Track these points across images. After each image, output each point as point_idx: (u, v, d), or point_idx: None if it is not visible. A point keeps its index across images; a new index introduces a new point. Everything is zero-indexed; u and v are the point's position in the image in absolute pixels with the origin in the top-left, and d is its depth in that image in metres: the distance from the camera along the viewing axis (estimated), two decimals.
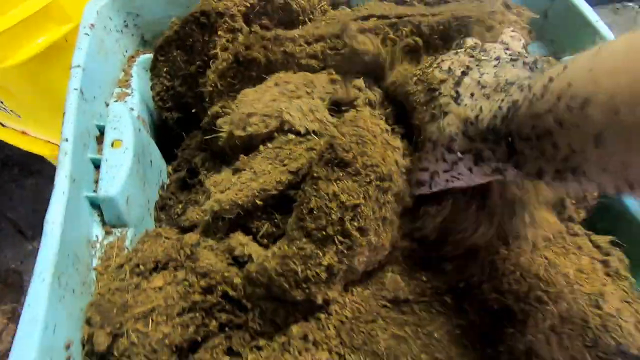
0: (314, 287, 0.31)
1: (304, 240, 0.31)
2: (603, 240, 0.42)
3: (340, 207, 0.30)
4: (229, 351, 0.36)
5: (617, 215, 0.45)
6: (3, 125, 0.88)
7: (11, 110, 0.76)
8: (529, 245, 0.35)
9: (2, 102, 0.74)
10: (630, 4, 1.62)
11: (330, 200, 0.30)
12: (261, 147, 0.40)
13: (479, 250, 0.35)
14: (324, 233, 0.30)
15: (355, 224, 0.30)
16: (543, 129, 0.22)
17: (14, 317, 0.86)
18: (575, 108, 0.20)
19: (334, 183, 0.30)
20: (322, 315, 0.36)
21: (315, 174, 0.31)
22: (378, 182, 0.31)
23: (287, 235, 0.33)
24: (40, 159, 1.03)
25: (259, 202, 0.37)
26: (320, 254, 0.30)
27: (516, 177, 0.27)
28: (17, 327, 0.28)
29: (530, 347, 0.31)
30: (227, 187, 0.39)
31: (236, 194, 0.37)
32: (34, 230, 1.00)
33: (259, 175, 0.38)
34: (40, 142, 0.85)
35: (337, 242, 0.30)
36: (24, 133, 0.87)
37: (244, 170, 0.39)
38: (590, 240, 0.41)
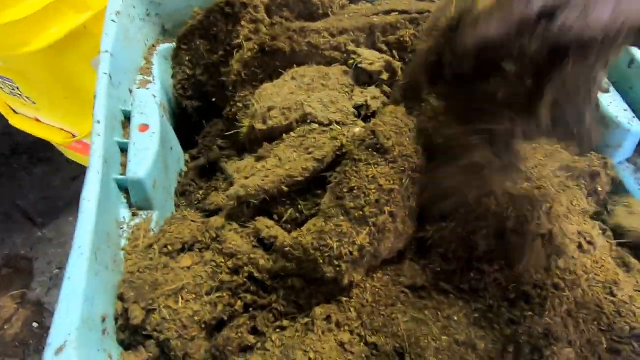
0: (344, 265, 0.32)
1: (342, 217, 0.32)
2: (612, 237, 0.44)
3: (377, 189, 0.31)
4: (253, 330, 0.38)
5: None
6: (15, 112, 0.89)
7: (26, 97, 0.77)
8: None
9: (17, 88, 0.75)
10: None
11: (369, 182, 0.31)
12: (284, 136, 0.41)
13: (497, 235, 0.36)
14: (360, 212, 0.31)
15: (388, 208, 0.31)
16: None
17: (23, 302, 0.87)
18: None
19: (373, 166, 0.31)
20: (344, 298, 0.37)
21: (355, 157, 0.33)
22: (410, 172, 0.32)
23: (323, 213, 0.34)
24: (49, 146, 1.04)
25: (284, 188, 0.38)
26: (355, 233, 0.31)
27: None
28: (25, 311, 0.29)
29: (548, 329, 0.32)
30: (251, 174, 0.40)
31: (262, 180, 0.38)
32: (43, 217, 1.01)
33: (284, 162, 0.39)
34: (53, 129, 0.85)
35: (370, 223, 0.31)
36: (36, 120, 0.87)
37: (268, 157, 0.41)
38: (604, 234, 0.42)
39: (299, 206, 0.40)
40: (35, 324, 0.84)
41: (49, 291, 0.88)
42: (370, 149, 0.32)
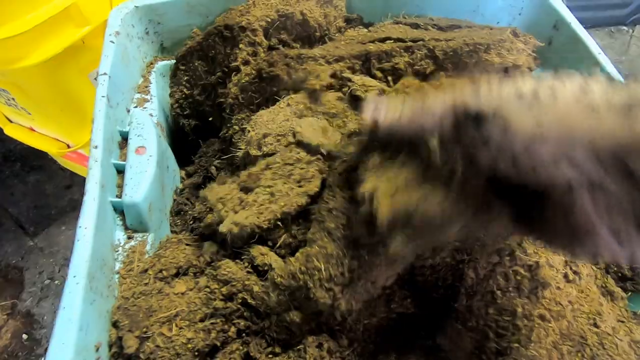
0: (337, 288, 0.33)
1: (325, 240, 0.33)
2: (601, 265, 0.45)
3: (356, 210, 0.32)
4: (246, 356, 0.38)
5: None
6: (10, 121, 0.89)
7: (22, 107, 0.77)
8: None
9: (14, 99, 0.75)
10: (625, 27, 1.68)
11: (348, 201, 0.32)
12: (269, 160, 0.41)
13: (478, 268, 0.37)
14: (342, 232, 0.32)
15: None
16: None
17: (14, 313, 0.86)
18: None
19: (347, 191, 0.32)
20: (337, 327, 0.38)
21: (330, 183, 0.34)
22: None
23: (309, 240, 0.34)
24: (41, 154, 1.04)
25: (279, 223, 0.39)
26: (342, 253, 0.32)
27: None
28: (15, 322, 0.29)
29: None
30: (241, 207, 0.39)
31: (257, 218, 0.37)
32: (35, 226, 1.00)
33: (277, 197, 0.39)
34: (48, 139, 0.85)
35: (358, 245, 0.32)
36: (31, 130, 0.87)
37: (256, 187, 0.40)
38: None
39: (293, 231, 0.41)
40: (24, 336, 0.83)
41: (40, 302, 0.88)
42: (342, 175, 0.33)
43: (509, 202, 0.26)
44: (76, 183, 1.05)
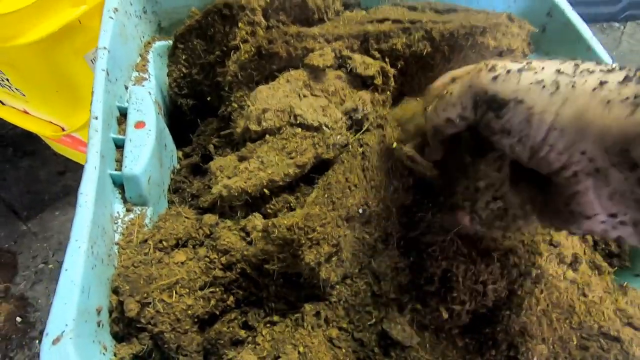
0: (324, 254, 0.33)
1: (330, 207, 0.33)
2: (590, 241, 0.46)
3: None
4: (245, 325, 0.39)
5: None
6: (3, 104, 0.88)
7: (16, 89, 0.76)
8: None
9: (7, 80, 0.74)
10: (616, 24, 1.71)
11: (357, 177, 0.33)
12: (268, 137, 0.42)
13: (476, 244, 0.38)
14: (344, 202, 0.33)
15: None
16: None
17: (7, 297, 0.86)
18: None
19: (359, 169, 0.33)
20: (333, 298, 0.39)
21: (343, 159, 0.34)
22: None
23: (309, 204, 0.35)
24: (35, 140, 1.03)
25: (266, 191, 0.40)
26: (338, 224, 0.33)
27: None
28: (8, 306, 0.29)
29: (524, 327, 0.34)
30: (234, 174, 0.41)
31: (245, 182, 0.40)
32: (28, 211, 1.00)
33: (266, 165, 0.40)
34: (42, 122, 0.84)
35: (354, 215, 0.33)
36: (25, 112, 0.86)
37: (251, 158, 0.42)
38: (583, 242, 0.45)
39: (288, 201, 0.41)
40: (19, 319, 0.83)
41: (33, 286, 0.87)
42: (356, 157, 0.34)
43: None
44: (70, 169, 1.05)
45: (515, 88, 0.23)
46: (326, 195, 0.35)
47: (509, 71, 0.24)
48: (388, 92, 0.48)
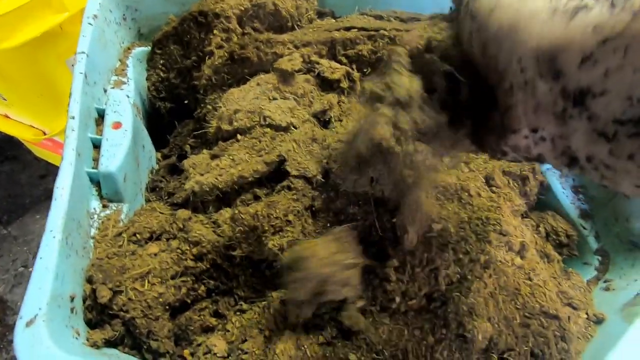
0: (285, 239, 0.36)
1: (288, 197, 0.36)
2: (543, 233, 0.50)
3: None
4: (216, 314, 0.41)
5: (553, 210, 0.53)
6: None
7: None
8: None
9: None
10: None
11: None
12: (239, 136, 0.45)
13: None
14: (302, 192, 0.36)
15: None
16: None
17: None
18: None
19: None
20: None
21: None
22: None
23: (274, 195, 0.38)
24: (16, 144, 1.03)
25: (235, 187, 0.42)
26: (300, 211, 0.36)
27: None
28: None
29: (472, 307, 0.37)
30: (206, 171, 0.43)
31: (216, 178, 0.42)
32: (8, 215, 1.00)
33: (237, 162, 0.43)
34: (23, 126, 0.85)
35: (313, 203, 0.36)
36: (6, 117, 0.87)
37: (222, 156, 0.44)
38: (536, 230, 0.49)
39: (257, 195, 0.44)
40: None
41: (13, 289, 0.87)
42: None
43: (470, 115, 0.29)
44: (51, 173, 1.05)
45: None
46: (285, 183, 0.37)
47: None
48: (353, 95, 0.51)
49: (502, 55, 0.24)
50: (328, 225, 0.38)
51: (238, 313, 0.41)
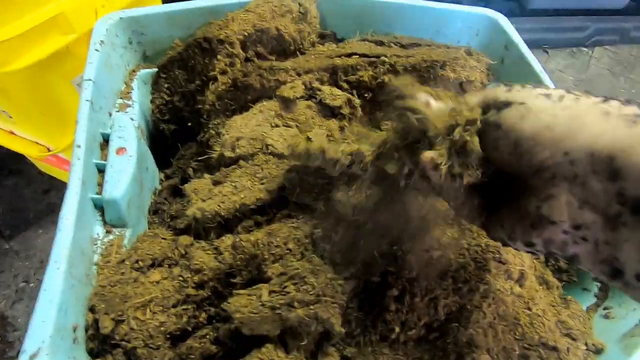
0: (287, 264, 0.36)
1: (289, 227, 0.37)
2: (542, 258, 0.50)
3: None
4: (216, 341, 0.41)
5: None
6: None
7: (3, 111, 0.78)
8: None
9: None
10: (585, 49, 1.81)
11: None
12: (242, 162, 0.46)
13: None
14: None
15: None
16: None
17: None
18: None
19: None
20: None
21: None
22: None
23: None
24: (19, 159, 1.04)
25: (238, 215, 0.43)
26: (302, 240, 0.36)
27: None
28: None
29: (471, 338, 0.37)
30: (208, 197, 0.44)
31: (218, 205, 0.43)
32: (11, 230, 1.00)
33: (239, 190, 0.43)
34: (28, 142, 0.86)
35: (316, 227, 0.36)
36: (11, 133, 0.88)
37: (225, 182, 0.45)
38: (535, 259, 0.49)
39: (258, 222, 0.44)
40: None
41: (14, 305, 0.87)
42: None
43: (484, 191, 0.28)
44: (55, 187, 1.06)
45: (526, 94, 0.25)
46: (284, 212, 0.38)
47: (523, 86, 0.26)
48: (354, 122, 0.52)
49: (539, 149, 0.23)
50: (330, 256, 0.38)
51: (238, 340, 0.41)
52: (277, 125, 0.47)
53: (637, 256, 0.20)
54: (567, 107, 0.23)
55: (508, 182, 0.27)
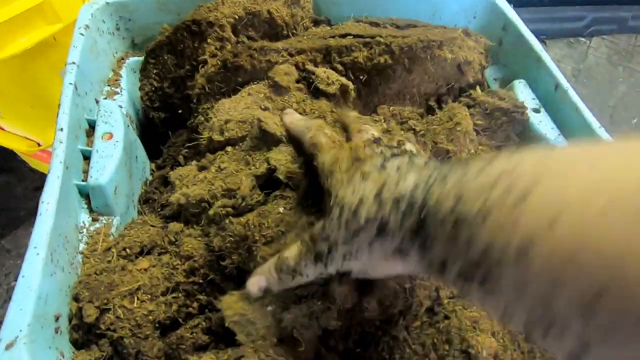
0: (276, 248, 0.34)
1: (281, 204, 0.35)
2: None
3: None
4: (209, 331, 0.39)
5: None
6: None
7: None
8: None
9: None
10: (583, 39, 1.80)
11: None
12: (228, 148, 0.44)
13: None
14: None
15: None
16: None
17: None
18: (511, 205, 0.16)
19: None
20: None
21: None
22: None
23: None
24: (10, 156, 1.02)
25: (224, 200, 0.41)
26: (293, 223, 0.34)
27: (417, 265, 0.23)
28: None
29: (476, 321, 0.35)
30: (192, 183, 0.42)
31: (203, 190, 0.40)
32: (2, 228, 0.98)
33: (225, 174, 0.41)
34: (17, 137, 0.84)
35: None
36: (0, 129, 0.86)
37: (209, 167, 0.43)
38: None
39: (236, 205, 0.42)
40: None
41: (5, 304, 0.85)
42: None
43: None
44: None
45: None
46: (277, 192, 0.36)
47: None
48: (348, 104, 0.50)
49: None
50: None
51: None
52: (266, 108, 0.45)
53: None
54: None
55: None
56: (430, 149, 0.48)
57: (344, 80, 0.51)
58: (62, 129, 0.40)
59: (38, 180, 1.06)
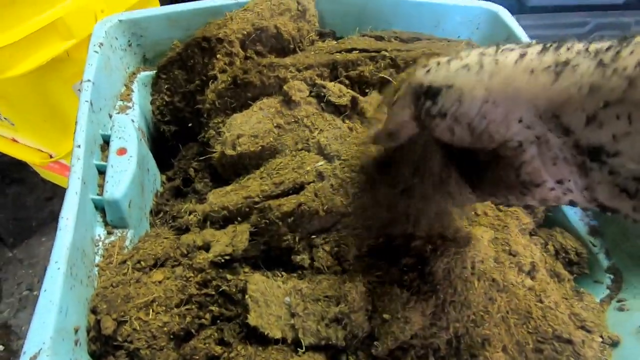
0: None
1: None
2: (552, 251, 0.49)
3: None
4: (221, 342, 0.40)
5: (561, 227, 0.52)
6: None
7: (5, 118, 0.78)
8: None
9: None
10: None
11: None
12: (256, 172, 0.45)
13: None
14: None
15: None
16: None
17: None
18: None
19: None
20: None
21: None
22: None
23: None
24: (22, 167, 1.04)
25: (247, 209, 0.42)
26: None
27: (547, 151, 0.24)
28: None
29: (486, 338, 0.36)
30: (221, 196, 0.44)
31: (224, 197, 0.42)
32: (14, 237, 1.00)
33: (248, 186, 0.43)
34: (30, 149, 0.86)
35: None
36: (13, 140, 0.88)
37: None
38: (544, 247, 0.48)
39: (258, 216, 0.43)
40: (1, 347, 0.82)
41: (17, 313, 0.87)
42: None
43: (462, 171, 0.30)
44: (57, 195, 1.06)
45: (445, 75, 0.25)
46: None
47: (439, 63, 0.26)
48: (357, 118, 0.51)
49: (494, 127, 0.24)
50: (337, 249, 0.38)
51: (243, 340, 0.40)
52: (278, 124, 0.46)
53: (609, 195, 0.22)
54: (492, 75, 0.23)
55: (480, 157, 0.28)
56: None
57: (353, 92, 0.52)
58: (79, 146, 0.42)
59: (49, 191, 1.07)
